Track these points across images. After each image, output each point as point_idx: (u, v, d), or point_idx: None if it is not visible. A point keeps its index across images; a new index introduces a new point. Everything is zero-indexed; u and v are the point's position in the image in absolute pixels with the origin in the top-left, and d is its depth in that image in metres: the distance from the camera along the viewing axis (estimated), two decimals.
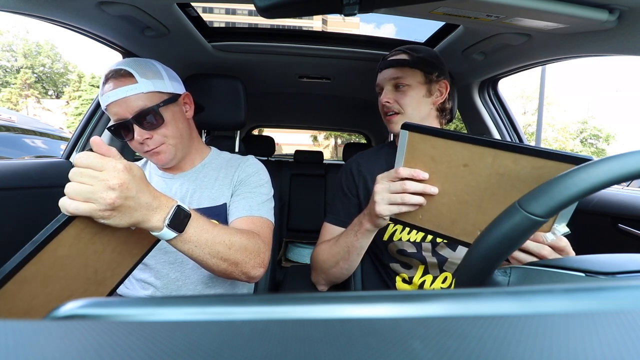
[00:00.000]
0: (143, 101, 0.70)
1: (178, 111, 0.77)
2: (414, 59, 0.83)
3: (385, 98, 0.83)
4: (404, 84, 0.82)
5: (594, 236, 1.03)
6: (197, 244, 0.55)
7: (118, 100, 0.68)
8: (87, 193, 0.43)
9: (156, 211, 0.49)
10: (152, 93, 0.71)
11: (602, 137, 20.86)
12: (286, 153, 6.99)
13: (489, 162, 0.47)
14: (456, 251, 0.78)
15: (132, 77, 0.69)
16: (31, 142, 2.56)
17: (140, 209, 0.47)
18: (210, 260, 0.57)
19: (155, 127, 0.72)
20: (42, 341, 0.15)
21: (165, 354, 0.13)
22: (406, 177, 0.55)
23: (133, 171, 0.47)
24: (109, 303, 0.18)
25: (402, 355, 0.13)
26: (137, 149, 0.74)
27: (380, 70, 0.87)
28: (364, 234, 0.68)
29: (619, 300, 0.19)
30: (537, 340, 0.14)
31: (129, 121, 0.69)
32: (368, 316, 0.17)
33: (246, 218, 0.73)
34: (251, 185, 0.79)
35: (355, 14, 0.43)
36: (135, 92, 0.68)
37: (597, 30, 0.73)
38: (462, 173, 0.49)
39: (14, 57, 31.95)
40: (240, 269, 0.62)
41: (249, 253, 0.63)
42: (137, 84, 0.69)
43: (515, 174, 0.45)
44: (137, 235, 0.52)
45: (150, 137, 0.72)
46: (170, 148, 0.75)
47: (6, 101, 28.20)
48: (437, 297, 0.18)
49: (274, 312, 0.18)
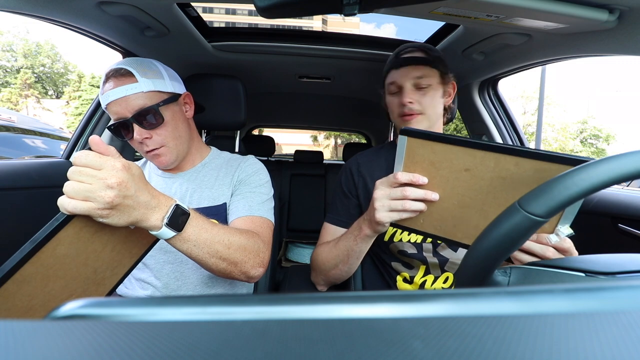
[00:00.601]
0: (143, 100, 0.70)
1: (178, 111, 0.77)
2: (433, 57, 0.80)
3: (407, 98, 0.78)
4: (426, 84, 0.78)
5: (594, 236, 1.03)
6: (196, 243, 0.55)
7: (118, 99, 0.68)
8: (86, 192, 0.43)
9: (155, 210, 0.49)
10: (152, 92, 0.71)
11: (602, 137, 20.86)
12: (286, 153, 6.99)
13: (491, 166, 0.46)
14: (457, 252, 0.78)
15: (133, 76, 0.69)
16: (31, 142, 2.56)
17: (139, 207, 0.47)
18: (209, 260, 0.57)
19: (155, 126, 0.72)
20: (42, 341, 0.15)
21: (165, 354, 0.13)
22: (405, 183, 0.54)
23: (132, 170, 0.47)
24: (109, 303, 0.18)
25: (402, 355, 0.13)
26: (138, 148, 0.75)
27: (396, 67, 0.80)
28: (363, 239, 0.67)
29: (619, 300, 0.19)
30: (537, 340, 0.14)
31: (129, 120, 0.69)
32: (368, 316, 0.17)
33: (246, 218, 0.73)
34: (251, 185, 0.79)
35: (355, 14, 0.43)
36: (135, 91, 0.68)
37: (597, 30, 0.73)
38: (463, 177, 0.49)
39: (14, 57, 31.96)
40: (240, 269, 0.62)
41: (248, 253, 0.63)
42: (137, 83, 0.69)
43: (517, 177, 0.45)
44: (137, 234, 0.52)
45: (150, 137, 0.72)
46: (171, 151, 0.75)
47: (6, 101, 28.20)
48: (437, 297, 0.18)
49: (274, 312, 0.18)
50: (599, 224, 1.01)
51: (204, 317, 0.18)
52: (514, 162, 0.45)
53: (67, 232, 0.44)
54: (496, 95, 1.35)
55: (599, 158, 0.32)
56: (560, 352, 0.14)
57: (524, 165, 0.44)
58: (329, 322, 0.17)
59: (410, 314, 0.17)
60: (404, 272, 0.81)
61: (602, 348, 0.14)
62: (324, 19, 45.12)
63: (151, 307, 0.18)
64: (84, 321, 0.17)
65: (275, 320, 0.17)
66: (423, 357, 0.13)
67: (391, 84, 0.82)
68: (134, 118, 0.69)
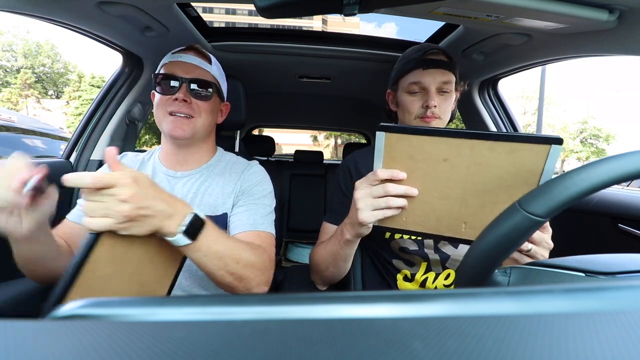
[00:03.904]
0: (207, 76, 0.77)
1: (217, 108, 0.82)
2: (453, 63, 0.79)
3: (434, 101, 0.77)
4: (448, 89, 0.78)
5: (594, 236, 1.03)
6: (207, 254, 0.55)
7: (188, 63, 0.74)
8: (103, 209, 0.46)
9: (172, 218, 0.51)
10: (215, 79, 0.79)
11: (602, 137, 20.87)
12: (286, 153, 6.98)
13: (467, 153, 0.48)
14: (458, 248, 0.78)
15: (210, 60, 0.78)
16: (31, 142, 2.56)
17: (157, 215, 0.49)
18: (217, 272, 0.57)
19: (200, 97, 0.75)
20: (42, 341, 0.15)
21: (165, 354, 0.13)
22: (386, 179, 0.54)
23: (141, 181, 0.49)
24: (109, 303, 0.18)
25: (402, 355, 0.13)
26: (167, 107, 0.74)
27: (423, 68, 0.78)
28: (346, 243, 0.67)
29: (619, 300, 0.19)
30: (537, 340, 0.14)
31: (184, 79, 0.73)
32: (368, 316, 0.17)
33: (252, 233, 0.72)
34: (254, 196, 0.77)
35: (355, 14, 0.43)
36: (206, 68, 0.77)
37: (597, 30, 0.73)
38: (442, 168, 0.50)
39: (14, 57, 31.96)
40: (245, 285, 0.61)
41: (256, 270, 0.62)
42: (210, 65, 0.78)
43: (492, 161, 0.47)
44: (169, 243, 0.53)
45: (190, 102, 0.74)
46: (195, 126, 0.75)
47: (6, 101, 28.20)
48: (437, 297, 0.18)
49: (274, 312, 0.18)
50: (599, 224, 1.01)
51: (204, 317, 0.18)
52: (487, 147, 0.46)
53: (101, 253, 0.46)
54: (496, 95, 1.35)
55: (598, 158, 0.32)
56: (560, 352, 0.14)
57: (497, 148, 0.46)
58: (329, 322, 0.17)
59: (410, 314, 0.17)
60: (405, 269, 0.81)
61: (602, 348, 0.14)
62: (324, 19, 45.12)
63: (151, 307, 0.18)
64: (84, 321, 0.17)
65: (275, 320, 0.17)
66: (423, 357, 0.13)
67: (414, 83, 0.79)
68: (189, 80, 0.73)
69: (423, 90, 0.79)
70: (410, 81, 0.80)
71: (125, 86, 1.21)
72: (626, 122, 34.77)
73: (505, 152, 0.46)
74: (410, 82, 0.80)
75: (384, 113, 0.95)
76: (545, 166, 0.45)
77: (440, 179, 0.51)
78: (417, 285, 0.79)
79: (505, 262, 0.57)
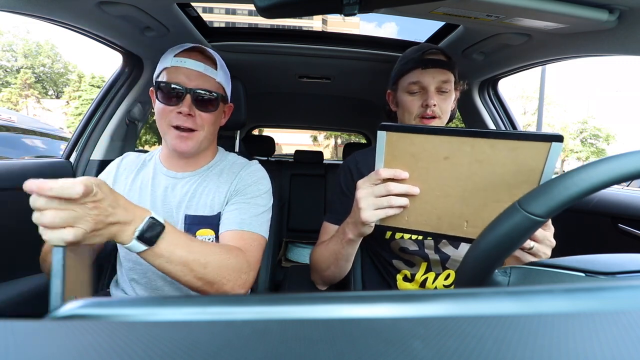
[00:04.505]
0: (211, 85, 0.74)
1: (221, 112, 0.80)
2: (452, 62, 0.80)
3: (433, 100, 0.77)
4: (447, 88, 0.79)
5: (594, 236, 1.03)
6: (169, 260, 0.53)
7: (192, 70, 0.71)
8: (73, 218, 0.42)
9: (130, 224, 0.49)
10: (220, 86, 0.76)
11: (602, 137, 20.87)
12: (286, 153, 6.98)
13: (468, 151, 0.48)
14: (458, 249, 0.78)
15: (215, 64, 0.75)
16: (31, 142, 2.56)
17: (119, 222, 0.47)
18: (183, 278, 0.55)
19: (205, 109, 0.73)
20: (42, 341, 0.15)
21: (165, 354, 0.13)
22: (388, 178, 0.54)
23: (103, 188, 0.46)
24: (109, 303, 0.18)
25: (402, 355, 0.13)
26: (170, 120, 0.72)
27: (422, 68, 0.79)
28: (348, 243, 0.66)
29: (619, 300, 0.19)
30: (537, 340, 0.14)
31: (188, 89, 0.70)
32: (368, 316, 0.17)
33: (235, 232, 0.70)
34: (247, 196, 0.76)
35: (355, 14, 0.43)
36: (211, 75, 0.73)
37: (597, 30, 0.73)
38: (443, 166, 0.50)
39: (14, 57, 31.96)
40: (217, 289, 0.59)
41: (230, 272, 0.60)
42: (216, 71, 0.74)
43: (493, 159, 0.47)
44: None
45: (194, 115, 0.72)
46: (199, 139, 0.74)
47: (6, 101, 28.20)
48: (437, 297, 0.18)
49: (274, 312, 0.18)
50: (599, 224, 1.01)
51: (204, 317, 0.18)
52: (489, 145, 0.47)
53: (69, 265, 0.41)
54: (496, 95, 1.35)
55: (598, 158, 0.32)
56: (560, 352, 0.14)
57: (498, 146, 0.46)
58: (329, 322, 0.17)
59: (410, 314, 0.17)
60: (405, 269, 0.81)
61: (602, 348, 0.14)
62: (324, 19, 45.13)
63: (151, 307, 0.18)
64: (84, 321, 0.17)
65: (275, 320, 0.17)
66: (423, 357, 0.13)
67: (414, 83, 0.80)
68: (194, 91, 0.71)
69: (422, 90, 0.79)
70: (410, 81, 0.80)
71: (125, 86, 1.21)
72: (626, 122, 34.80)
73: (506, 150, 0.46)
74: (409, 82, 0.80)
75: (384, 113, 0.95)
76: (546, 164, 0.45)
77: (442, 177, 0.51)
78: (417, 286, 0.79)
79: (508, 260, 0.57)
